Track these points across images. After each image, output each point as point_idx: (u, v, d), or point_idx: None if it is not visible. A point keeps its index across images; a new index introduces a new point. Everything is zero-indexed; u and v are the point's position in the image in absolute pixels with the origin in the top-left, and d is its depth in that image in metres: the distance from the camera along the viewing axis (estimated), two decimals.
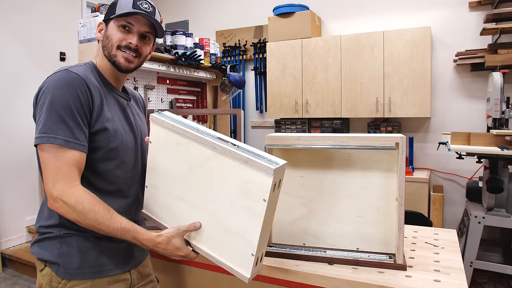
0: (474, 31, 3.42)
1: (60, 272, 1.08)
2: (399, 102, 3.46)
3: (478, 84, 3.47)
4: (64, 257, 1.08)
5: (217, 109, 3.62)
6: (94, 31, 2.40)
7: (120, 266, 1.16)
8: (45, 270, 1.10)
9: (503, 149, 2.38)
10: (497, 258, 2.88)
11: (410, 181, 3.26)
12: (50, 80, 1.07)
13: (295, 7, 3.91)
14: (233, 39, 4.63)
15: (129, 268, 1.19)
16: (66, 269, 1.08)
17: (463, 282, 1.05)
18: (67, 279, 1.07)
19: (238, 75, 3.21)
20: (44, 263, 1.10)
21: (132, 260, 1.20)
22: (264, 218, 0.97)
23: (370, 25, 3.86)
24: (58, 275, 1.08)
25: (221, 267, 1.06)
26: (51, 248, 1.09)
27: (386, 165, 1.18)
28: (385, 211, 1.18)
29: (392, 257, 1.17)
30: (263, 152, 1.01)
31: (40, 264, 1.11)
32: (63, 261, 1.08)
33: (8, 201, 3.68)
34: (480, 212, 2.69)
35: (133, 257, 1.21)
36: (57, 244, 1.09)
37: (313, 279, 1.10)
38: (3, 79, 3.66)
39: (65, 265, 1.08)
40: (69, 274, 1.08)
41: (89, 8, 4.39)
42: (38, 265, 1.12)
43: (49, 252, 1.09)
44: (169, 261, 1.40)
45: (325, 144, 1.17)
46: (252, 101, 4.62)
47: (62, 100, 1.03)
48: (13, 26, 3.73)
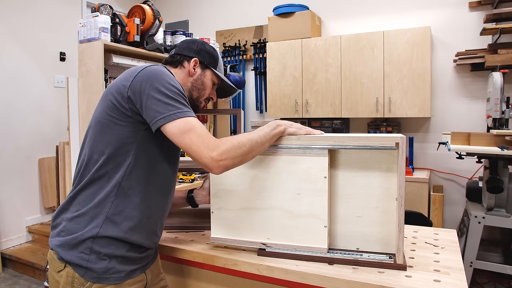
0: (474, 31, 3.42)
1: (86, 275, 1.07)
2: (399, 102, 3.46)
3: (478, 84, 3.47)
4: (93, 263, 1.07)
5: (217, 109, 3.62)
6: (94, 31, 2.40)
7: (141, 269, 1.19)
8: (65, 272, 1.09)
9: (503, 149, 2.38)
10: (497, 258, 2.88)
11: (410, 181, 3.26)
12: (150, 71, 1.12)
13: (295, 7, 3.91)
14: (233, 39, 4.63)
15: (145, 269, 1.22)
16: (93, 272, 1.07)
17: (463, 282, 1.05)
18: (92, 282, 1.07)
19: (238, 75, 3.21)
20: (65, 264, 1.09)
21: (149, 262, 1.23)
22: (328, 193, 1.17)
23: (370, 25, 3.86)
24: (83, 277, 1.07)
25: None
26: (81, 253, 1.08)
27: (386, 165, 1.17)
28: (385, 211, 1.18)
29: (392, 257, 1.16)
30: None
31: (60, 264, 1.10)
32: (92, 266, 1.07)
33: (8, 201, 3.68)
34: (480, 212, 2.69)
35: (150, 259, 1.24)
36: (88, 249, 1.08)
37: (313, 279, 1.10)
38: (4, 79, 3.66)
39: (93, 269, 1.07)
40: (95, 278, 1.08)
41: (89, 8, 4.39)
42: (56, 265, 1.11)
43: (78, 256, 1.08)
44: (168, 260, 1.41)
45: (325, 144, 1.17)
46: (252, 101, 4.62)
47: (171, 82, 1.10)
48: (13, 26, 3.73)
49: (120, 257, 1.11)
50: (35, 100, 3.91)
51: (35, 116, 3.91)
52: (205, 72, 1.31)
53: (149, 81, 1.08)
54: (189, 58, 1.30)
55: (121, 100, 1.09)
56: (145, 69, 1.12)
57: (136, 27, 2.52)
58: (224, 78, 1.36)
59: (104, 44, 2.34)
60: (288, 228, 1.21)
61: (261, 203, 1.24)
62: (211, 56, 1.33)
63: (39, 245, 3.73)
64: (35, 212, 3.95)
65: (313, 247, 1.19)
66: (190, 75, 1.30)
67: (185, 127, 1.04)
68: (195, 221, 1.58)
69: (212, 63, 1.33)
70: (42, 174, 3.95)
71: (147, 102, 1.06)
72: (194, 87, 1.30)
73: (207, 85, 1.32)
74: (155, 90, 1.06)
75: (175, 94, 1.08)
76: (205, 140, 1.03)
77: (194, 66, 1.30)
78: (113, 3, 4.55)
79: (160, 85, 1.07)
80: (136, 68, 1.15)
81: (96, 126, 1.14)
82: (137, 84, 1.08)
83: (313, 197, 1.18)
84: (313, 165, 1.17)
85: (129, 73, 1.14)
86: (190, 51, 1.32)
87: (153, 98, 1.05)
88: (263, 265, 1.17)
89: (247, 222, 1.26)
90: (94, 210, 1.10)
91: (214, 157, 1.02)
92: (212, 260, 1.26)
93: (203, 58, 1.31)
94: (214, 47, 1.42)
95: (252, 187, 1.24)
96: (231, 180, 1.26)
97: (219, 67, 1.36)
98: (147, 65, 1.15)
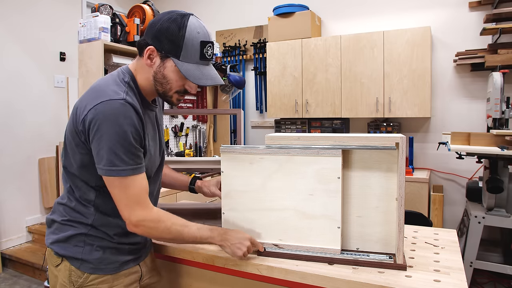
0: (474, 31, 3.42)
1: (82, 267, 1.12)
2: (399, 102, 3.46)
3: (478, 84, 3.47)
4: (87, 254, 1.12)
5: (217, 109, 3.62)
6: (94, 31, 2.40)
7: (134, 260, 1.22)
8: (63, 265, 1.13)
9: (503, 149, 2.38)
10: (497, 258, 2.88)
11: (410, 181, 3.26)
12: (103, 110, 1.01)
13: (295, 7, 3.91)
14: (233, 39, 4.63)
15: (140, 261, 1.25)
16: (88, 263, 1.12)
17: (463, 282, 1.05)
18: (88, 273, 1.12)
19: (238, 75, 3.21)
20: (61, 258, 1.13)
21: (143, 254, 1.27)
22: (341, 194, 1.16)
23: (370, 25, 3.86)
24: (79, 269, 1.12)
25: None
26: (75, 246, 1.12)
27: (386, 165, 1.17)
28: (385, 211, 1.18)
29: (392, 257, 1.17)
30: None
31: (57, 259, 1.14)
32: (87, 257, 1.12)
33: (8, 201, 3.68)
34: (480, 212, 2.69)
35: (144, 251, 1.28)
36: (81, 242, 1.12)
37: (313, 279, 1.10)
38: (3, 79, 3.66)
39: (88, 261, 1.12)
40: (91, 269, 1.12)
41: (89, 8, 4.38)
42: (54, 260, 1.15)
43: (73, 249, 1.12)
44: (168, 260, 1.41)
45: (325, 144, 1.17)
46: (252, 101, 4.62)
47: (120, 130, 1.01)
48: (13, 26, 3.73)
49: (113, 248, 1.16)
50: (35, 100, 3.91)
51: (35, 116, 3.91)
52: (165, 63, 1.07)
53: (100, 125, 1.00)
54: (146, 45, 1.08)
55: (77, 131, 1.07)
56: (100, 106, 1.01)
57: (136, 27, 2.53)
58: (185, 72, 1.06)
59: (104, 44, 2.34)
60: (300, 229, 1.21)
61: (273, 204, 1.23)
62: (171, 41, 1.04)
63: (39, 245, 3.73)
64: (35, 212, 3.95)
65: (326, 248, 1.18)
66: (149, 66, 1.09)
67: (119, 185, 1.04)
68: (195, 221, 1.57)
69: (173, 50, 1.05)
70: (42, 174, 3.95)
71: (93, 144, 1.03)
72: (156, 81, 1.10)
73: (171, 78, 1.09)
74: (102, 137, 1.00)
75: (122, 146, 1.01)
76: (130, 202, 1.05)
77: (150, 56, 1.08)
78: (113, 3, 4.54)
79: (109, 134, 1.00)
80: (95, 95, 1.04)
81: (66, 142, 1.15)
82: (89, 121, 1.02)
83: (326, 198, 1.17)
84: (327, 165, 1.16)
85: (87, 100, 1.05)
86: (149, 35, 1.07)
87: (100, 144, 1.01)
88: (263, 265, 1.18)
89: (259, 223, 1.26)
90: (80, 218, 1.14)
91: (132, 221, 1.06)
92: (212, 260, 1.26)
93: (161, 44, 1.05)
94: (184, 23, 1.04)
95: (264, 188, 1.24)
96: (243, 181, 1.26)
97: (187, 53, 1.05)
98: (103, 99, 1.02)
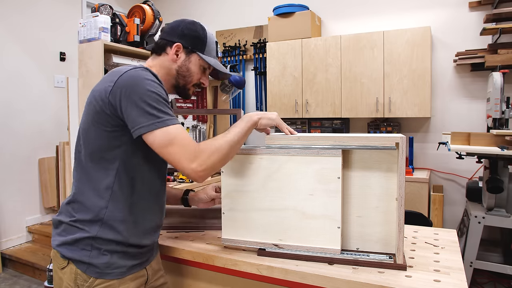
0: (474, 31, 3.42)
1: (88, 271, 1.10)
2: (399, 102, 3.46)
3: (478, 84, 3.47)
4: (94, 258, 1.10)
5: (217, 109, 3.62)
6: (94, 31, 2.40)
7: (141, 264, 1.21)
8: (68, 268, 1.11)
9: (503, 149, 2.38)
10: (497, 258, 2.88)
11: (410, 181, 3.26)
12: (130, 76, 1.07)
13: (295, 7, 3.91)
14: (233, 39, 4.63)
15: (146, 264, 1.24)
16: (95, 267, 1.10)
17: (463, 282, 1.05)
18: (94, 277, 1.10)
19: (238, 75, 3.21)
20: (67, 261, 1.11)
21: (150, 257, 1.26)
22: (341, 194, 1.16)
23: (370, 25, 3.86)
24: (85, 273, 1.10)
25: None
26: (82, 249, 1.10)
27: (386, 165, 1.17)
28: (385, 211, 1.18)
29: (392, 257, 1.16)
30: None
31: (63, 261, 1.12)
32: (94, 261, 1.10)
33: (8, 201, 3.68)
34: (480, 212, 2.69)
35: (151, 254, 1.27)
36: (89, 246, 1.10)
37: (313, 279, 1.10)
38: (3, 79, 3.66)
39: (95, 265, 1.10)
40: (97, 273, 1.10)
41: (89, 8, 4.38)
42: (59, 262, 1.13)
43: (80, 252, 1.10)
44: (168, 260, 1.41)
45: (325, 144, 1.17)
46: (252, 101, 4.62)
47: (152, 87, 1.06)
48: (13, 26, 3.73)
49: (120, 252, 1.13)
50: (35, 100, 3.91)
51: (35, 116, 3.91)
52: (190, 58, 1.23)
53: (129, 88, 1.04)
54: (172, 43, 1.22)
55: (103, 106, 1.07)
56: (125, 74, 1.07)
57: (136, 27, 2.53)
58: (213, 63, 1.26)
59: (104, 44, 2.34)
60: (300, 229, 1.21)
61: (273, 204, 1.23)
62: (196, 38, 1.23)
63: (39, 245, 3.73)
64: (35, 212, 3.95)
65: (326, 248, 1.18)
66: (174, 62, 1.23)
67: (165, 138, 1.04)
68: (195, 221, 1.57)
69: (199, 46, 1.23)
70: (42, 174, 3.95)
71: (127, 109, 1.04)
72: (180, 75, 1.24)
73: (194, 71, 1.24)
74: (135, 97, 1.03)
75: (155, 101, 1.05)
76: (185, 151, 1.04)
77: (176, 52, 1.22)
78: (113, 3, 4.54)
79: (140, 92, 1.04)
80: (116, 71, 1.10)
81: (83, 133, 1.14)
82: (117, 90, 1.05)
83: (326, 198, 1.17)
84: (327, 165, 1.16)
85: (109, 78, 1.10)
86: (173, 35, 1.23)
87: (133, 106, 1.03)
88: (263, 265, 1.18)
89: (259, 223, 1.25)
90: (90, 215, 1.11)
91: (194, 168, 1.05)
92: (212, 260, 1.26)
93: (187, 42, 1.22)
94: (203, 26, 1.26)
95: (264, 188, 1.24)
96: (242, 181, 1.25)
97: (208, 49, 1.26)
98: (127, 69, 1.09)
